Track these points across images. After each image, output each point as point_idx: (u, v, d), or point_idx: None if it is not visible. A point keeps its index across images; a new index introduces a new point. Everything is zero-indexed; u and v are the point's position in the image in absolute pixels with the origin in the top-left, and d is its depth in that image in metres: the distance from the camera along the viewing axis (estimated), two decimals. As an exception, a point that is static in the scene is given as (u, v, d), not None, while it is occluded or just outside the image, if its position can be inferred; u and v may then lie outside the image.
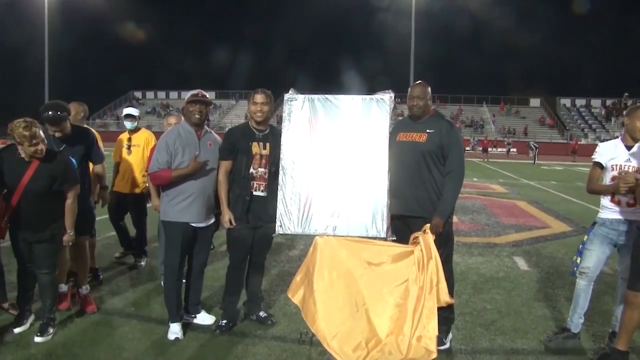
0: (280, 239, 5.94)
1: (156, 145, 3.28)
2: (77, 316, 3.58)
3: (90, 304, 3.69)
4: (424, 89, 3.17)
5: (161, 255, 3.73)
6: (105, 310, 3.73)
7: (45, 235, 3.15)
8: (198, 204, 3.22)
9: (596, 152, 3.26)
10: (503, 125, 42.61)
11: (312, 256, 3.00)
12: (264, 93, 3.28)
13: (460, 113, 45.29)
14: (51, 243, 3.18)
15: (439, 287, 2.87)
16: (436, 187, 3.08)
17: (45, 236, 3.15)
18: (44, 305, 3.25)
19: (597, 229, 3.20)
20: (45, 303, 3.25)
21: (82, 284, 3.71)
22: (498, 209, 9.34)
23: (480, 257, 5.61)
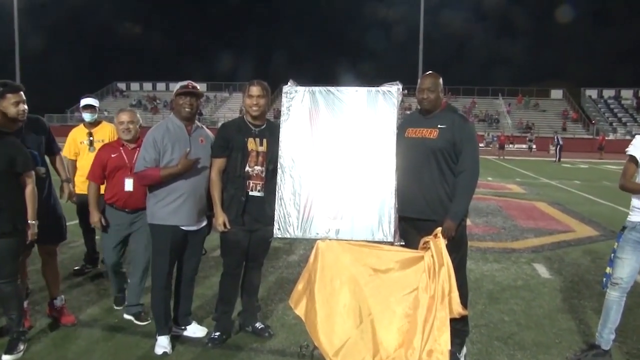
0: (279, 243, 5.96)
1: (142, 142, 3.28)
2: (52, 329, 3.56)
3: (67, 315, 3.68)
4: (435, 80, 3.18)
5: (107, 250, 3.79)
6: (85, 322, 3.72)
7: (6, 228, 3.00)
8: (189, 205, 3.23)
9: (632, 145, 3.20)
10: (520, 119, 42.56)
11: (313, 262, 3.02)
12: (261, 85, 3.29)
13: (473, 106, 45.27)
14: (13, 237, 3.03)
15: (452, 297, 2.88)
16: (448, 187, 3.09)
17: (6, 228, 3.00)
18: (10, 320, 3.14)
19: (627, 234, 3.17)
20: (10, 317, 3.14)
21: (55, 296, 3.69)
22: (515, 211, 9.35)
23: (497, 263, 5.62)
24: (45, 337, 3.46)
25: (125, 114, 3.68)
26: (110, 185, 3.67)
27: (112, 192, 3.65)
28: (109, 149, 3.72)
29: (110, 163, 3.62)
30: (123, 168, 3.60)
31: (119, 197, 3.62)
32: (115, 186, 3.62)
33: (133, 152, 3.58)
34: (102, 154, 3.72)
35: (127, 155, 3.63)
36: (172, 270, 3.36)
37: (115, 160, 3.62)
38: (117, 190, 3.61)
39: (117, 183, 3.61)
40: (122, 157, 3.63)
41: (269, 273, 4.96)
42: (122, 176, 3.59)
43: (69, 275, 4.78)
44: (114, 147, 3.72)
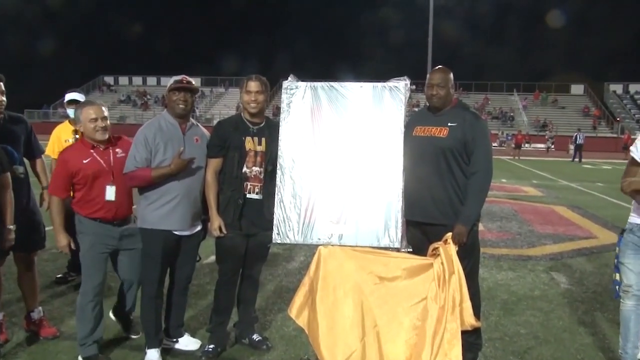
0: (278, 249, 5.98)
1: (133, 140, 3.27)
2: (31, 343, 3.55)
3: (47, 327, 3.67)
4: (445, 75, 3.19)
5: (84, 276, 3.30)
6: (67, 334, 3.69)
7: None
8: (182, 208, 3.25)
9: (634, 145, 3.15)
10: (537, 117, 42.53)
11: (314, 270, 3.04)
12: (259, 80, 3.30)
13: (486, 103, 45.23)
14: None
15: (463, 307, 2.89)
16: (459, 189, 3.11)
17: None
18: None
19: (626, 236, 3.17)
20: None
21: (32, 308, 3.68)
22: (532, 215, 9.35)
23: (512, 271, 5.62)
24: (23, 351, 3.44)
25: (93, 109, 3.22)
26: (88, 197, 3.23)
27: (94, 205, 3.23)
28: (76, 153, 3.24)
29: (83, 171, 3.19)
30: (103, 174, 3.23)
31: (106, 210, 3.23)
32: (95, 198, 3.22)
33: (107, 153, 3.26)
34: (67, 159, 3.23)
35: (103, 157, 3.24)
36: (164, 278, 3.38)
37: (91, 166, 3.20)
38: (98, 202, 3.23)
39: (96, 194, 3.22)
40: (97, 162, 3.22)
41: (267, 281, 4.98)
42: (103, 184, 3.22)
43: (51, 283, 4.79)
44: (81, 150, 3.25)
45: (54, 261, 5.39)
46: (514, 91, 47.00)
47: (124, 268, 3.40)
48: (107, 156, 3.27)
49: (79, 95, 4.74)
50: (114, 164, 3.25)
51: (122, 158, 3.26)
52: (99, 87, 51.29)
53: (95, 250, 3.24)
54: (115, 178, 3.23)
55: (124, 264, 3.38)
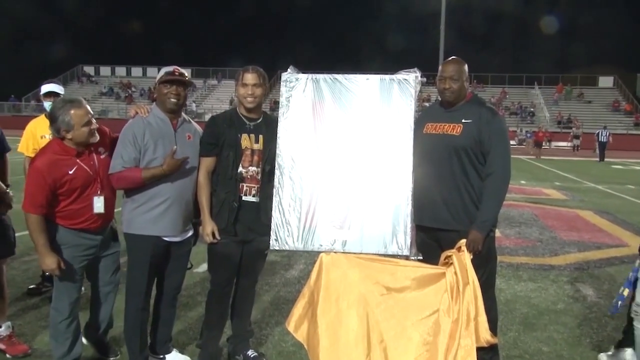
0: (276, 256, 6.01)
1: (119, 138, 3.28)
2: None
3: (16, 345, 3.66)
4: (459, 67, 3.22)
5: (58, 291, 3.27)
6: (40, 352, 3.66)
7: None
8: (173, 212, 3.26)
9: None
10: (559, 112, 42.49)
11: (316, 279, 3.06)
12: (256, 71, 3.32)
13: (503, 97, 45.22)
14: None
15: (478, 321, 2.91)
16: (473, 192, 3.13)
17: None
18: None
19: None
20: None
21: (0, 322, 3.67)
22: (554, 220, 9.37)
23: (532, 282, 5.64)
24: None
25: (83, 110, 3.12)
26: (71, 209, 3.14)
27: (79, 217, 3.16)
28: (57, 162, 3.08)
29: (69, 184, 3.09)
30: (91, 184, 3.16)
31: (88, 223, 3.18)
32: (81, 210, 3.15)
33: (91, 157, 3.19)
34: (48, 171, 3.03)
35: (87, 164, 3.16)
36: (151, 288, 3.40)
37: (79, 177, 3.11)
38: (84, 214, 3.17)
39: (86, 206, 3.16)
40: (84, 170, 3.14)
41: (263, 292, 5.00)
42: (91, 195, 3.16)
43: (22, 295, 4.78)
44: (63, 158, 3.10)
45: (26, 270, 5.41)
46: (535, 84, 46.97)
47: (101, 275, 3.39)
48: (92, 161, 3.19)
49: (57, 87, 4.71)
50: (99, 168, 3.21)
51: (105, 159, 3.25)
52: (77, 78, 51.37)
53: (75, 264, 3.21)
54: (102, 186, 3.21)
55: (102, 272, 3.38)
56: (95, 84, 50.97)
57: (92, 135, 3.16)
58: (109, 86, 49.95)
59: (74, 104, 3.13)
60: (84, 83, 50.89)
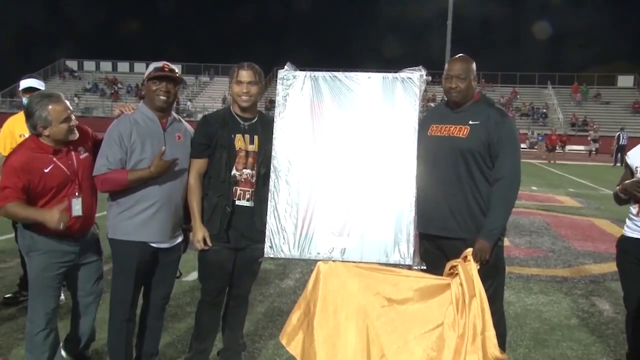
0: (270, 264, 6.01)
1: (104, 137, 3.29)
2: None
3: None
4: (466, 65, 3.24)
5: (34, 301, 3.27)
6: None
7: None
8: (161, 216, 3.28)
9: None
10: (574, 114, 42.55)
11: (312, 289, 3.07)
12: (252, 68, 3.34)
13: (514, 97, 45.29)
14: None
15: (486, 336, 2.91)
16: (481, 198, 3.15)
17: None
18: None
19: None
20: None
21: None
22: (568, 229, 9.38)
23: (543, 295, 5.65)
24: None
25: (61, 105, 3.11)
26: None
27: None
28: (33, 160, 3.07)
29: (44, 183, 3.08)
30: (68, 184, 3.16)
31: (68, 226, 3.12)
32: None
33: (70, 156, 3.19)
34: (22, 168, 3.03)
35: (65, 163, 3.16)
36: (137, 297, 3.41)
37: (55, 177, 3.10)
38: None
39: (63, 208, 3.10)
40: (60, 170, 3.13)
41: (257, 302, 5.01)
42: (67, 196, 3.16)
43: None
44: (38, 155, 3.09)
45: (2, 278, 5.40)
46: (548, 83, 47.01)
47: (82, 284, 3.38)
48: (70, 160, 3.19)
49: (37, 83, 4.71)
50: (77, 168, 3.21)
51: (86, 160, 3.26)
52: (59, 73, 51.31)
53: (51, 272, 3.19)
54: (81, 187, 3.21)
55: (82, 281, 3.37)
56: (78, 80, 50.94)
57: (71, 133, 3.16)
58: (93, 82, 49.92)
59: (52, 98, 3.13)
60: (66, 78, 50.86)
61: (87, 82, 50.00)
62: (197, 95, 47.22)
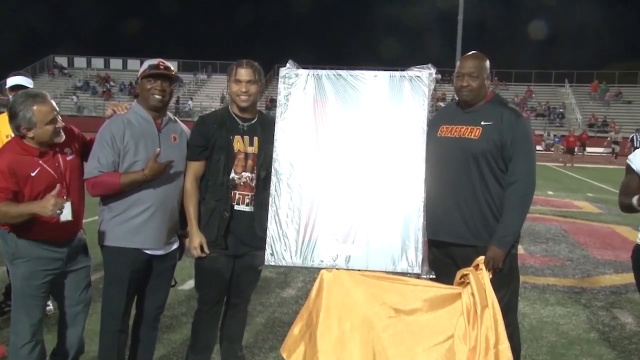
0: (271, 272, 6.02)
1: (96, 138, 3.30)
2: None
3: None
4: (479, 62, 3.24)
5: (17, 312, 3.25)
6: None
7: None
8: (156, 221, 3.29)
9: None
10: (593, 114, 42.44)
11: (315, 299, 3.08)
12: (251, 66, 3.35)
13: (529, 96, 45.23)
14: None
15: (499, 350, 2.90)
16: (493, 203, 3.16)
17: None
18: None
19: None
20: None
21: None
22: (587, 236, 9.37)
23: (561, 307, 5.64)
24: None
25: (47, 106, 3.10)
26: (36, 217, 3.06)
27: (41, 227, 3.11)
28: (18, 162, 3.07)
29: (30, 187, 3.08)
30: (54, 188, 3.08)
31: (54, 233, 3.15)
32: (45, 219, 3.06)
33: (56, 159, 3.18)
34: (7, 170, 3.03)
35: (52, 166, 3.15)
36: (130, 307, 3.42)
37: (40, 181, 3.10)
38: (48, 223, 3.10)
39: None
40: (46, 173, 3.13)
41: (257, 312, 5.02)
42: None
43: None
44: (23, 158, 3.10)
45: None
46: (565, 82, 46.91)
47: (69, 294, 3.36)
48: (57, 162, 3.18)
49: (25, 80, 4.71)
50: (65, 171, 3.21)
51: (73, 161, 3.26)
52: (48, 70, 51.38)
53: (36, 280, 3.17)
54: (69, 190, 3.19)
55: (69, 289, 3.35)
56: (68, 77, 51.08)
57: (57, 135, 3.14)
58: (84, 79, 50.05)
59: (36, 99, 3.11)
60: (56, 75, 50.96)
61: (77, 79, 50.12)
62: (194, 94, 47.30)
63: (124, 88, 47.72)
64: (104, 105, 39.78)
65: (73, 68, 52.95)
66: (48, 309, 4.53)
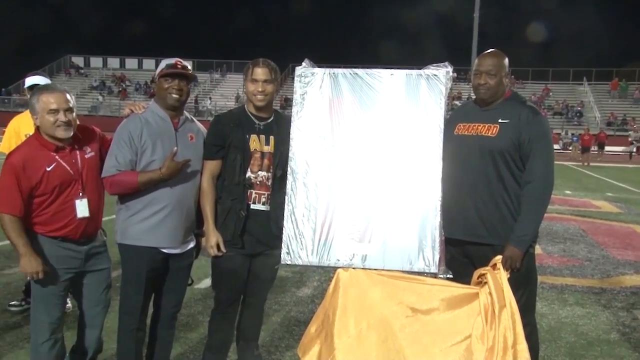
0: (287, 271, 6.03)
1: (114, 137, 3.32)
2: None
3: None
4: (498, 60, 3.23)
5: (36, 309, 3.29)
6: None
7: None
8: (172, 220, 3.30)
9: None
10: (612, 112, 41.96)
11: (332, 298, 3.08)
12: (268, 65, 3.36)
13: (546, 95, 44.85)
14: None
15: (517, 350, 2.89)
16: (510, 202, 3.15)
17: None
18: None
19: None
20: None
21: None
22: (606, 236, 9.29)
23: (580, 307, 5.60)
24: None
25: (53, 96, 3.11)
26: (49, 213, 3.15)
27: (58, 223, 3.16)
28: (33, 158, 3.11)
29: (45, 182, 3.10)
30: (71, 184, 3.17)
31: (71, 229, 3.19)
32: (62, 214, 3.15)
33: (74, 155, 3.21)
34: (22, 166, 3.06)
35: (68, 162, 3.18)
36: (147, 306, 3.44)
37: (55, 176, 3.12)
38: (65, 219, 3.16)
39: (65, 209, 3.16)
40: (62, 169, 3.15)
41: (273, 311, 5.04)
42: (72, 197, 3.17)
43: (3, 312, 4.84)
44: (40, 153, 3.13)
45: (7, 284, 5.47)
46: (584, 79, 46.42)
47: (88, 294, 3.38)
48: (74, 159, 3.21)
49: (43, 80, 4.73)
50: (82, 168, 3.24)
51: (92, 159, 3.28)
52: (65, 70, 51.93)
53: (55, 278, 3.19)
54: (85, 188, 3.22)
55: (89, 289, 3.37)
56: (84, 77, 51.56)
57: (59, 128, 3.12)
58: (100, 79, 50.50)
59: (47, 88, 3.22)
60: (72, 75, 51.43)
61: (93, 79, 50.58)
62: (209, 94, 47.50)
63: (140, 87, 48.03)
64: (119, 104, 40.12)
65: (89, 68, 53.42)
66: (67, 307, 4.58)
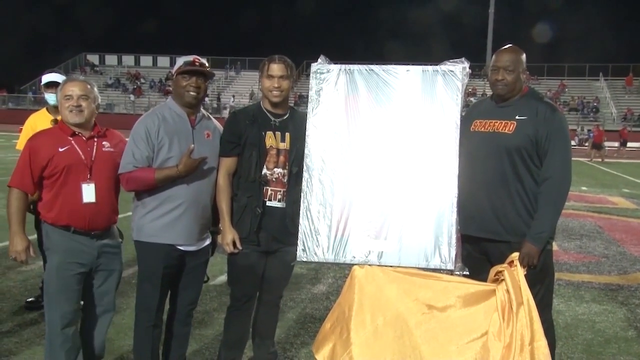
0: (302, 269, 6.06)
1: (131, 134, 3.33)
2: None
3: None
4: (515, 56, 3.21)
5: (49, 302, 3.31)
6: None
7: None
8: (188, 218, 3.32)
9: None
10: (629, 107, 41.52)
11: (347, 294, 3.08)
12: (283, 62, 3.36)
13: (562, 91, 44.48)
14: None
15: (534, 347, 2.87)
16: (527, 199, 3.13)
17: None
18: None
19: None
20: None
21: None
22: (623, 233, 9.23)
23: (596, 304, 5.57)
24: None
25: (73, 84, 3.28)
26: (57, 196, 3.21)
27: (65, 207, 3.21)
28: (49, 139, 3.26)
29: (56, 162, 3.18)
30: (79, 169, 3.23)
31: (78, 215, 3.21)
32: (69, 197, 3.21)
33: (90, 144, 3.29)
34: (37, 146, 3.22)
35: (82, 148, 3.26)
36: (164, 302, 3.46)
37: (66, 156, 3.20)
38: (72, 203, 3.21)
39: (70, 192, 3.21)
40: (75, 152, 3.23)
41: (288, 308, 5.05)
42: (78, 181, 3.21)
43: (20, 309, 4.86)
44: (57, 136, 3.28)
45: (24, 281, 5.51)
46: (600, 75, 46.01)
47: (97, 294, 3.38)
48: (90, 148, 3.28)
49: (58, 77, 4.78)
50: (96, 158, 3.28)
51: (108, 153, 3.33)
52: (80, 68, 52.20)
53: (65, 272, 3.21)
54: (94, 175, 3.24)
55: (97, 288, 3.37)
56: (100, 75, 51.84)
57: (71, 112, 3.25)
58: (115, 77, 50.85)
59: (71, 79, 3.44)
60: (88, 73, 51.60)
61: (108, 77, 50.92)
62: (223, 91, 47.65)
63: (154, 85, 48.32)
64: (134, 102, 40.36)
65: (104, 66, 53.79)
66: None
